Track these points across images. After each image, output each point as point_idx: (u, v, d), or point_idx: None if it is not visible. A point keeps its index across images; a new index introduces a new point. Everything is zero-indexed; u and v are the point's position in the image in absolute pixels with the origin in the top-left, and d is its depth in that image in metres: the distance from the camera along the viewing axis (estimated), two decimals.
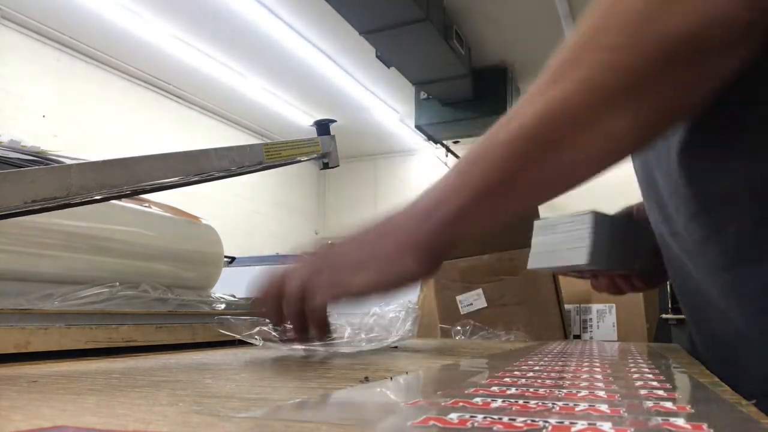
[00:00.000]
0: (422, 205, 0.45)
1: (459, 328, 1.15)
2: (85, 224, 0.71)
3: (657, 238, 0.56)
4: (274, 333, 0.54)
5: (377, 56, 4.04)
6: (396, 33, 3.67)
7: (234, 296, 0.91)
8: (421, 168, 6.99)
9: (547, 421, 0.19)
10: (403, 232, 0.45)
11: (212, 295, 0.89)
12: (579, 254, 0.55)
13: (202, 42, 4.41)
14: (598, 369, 0.36)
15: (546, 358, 0.44)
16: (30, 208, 0.38)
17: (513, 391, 0.26)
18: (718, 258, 0.47)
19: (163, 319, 0.63)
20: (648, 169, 0.55)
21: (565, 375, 0.33)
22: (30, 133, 3.56)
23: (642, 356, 0.48)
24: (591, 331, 1.36)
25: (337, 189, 7.34)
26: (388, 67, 4.24)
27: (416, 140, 6.27)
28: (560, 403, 0.22)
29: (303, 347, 0.56)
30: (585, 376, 0.32)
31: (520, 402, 0.23)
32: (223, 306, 0.84)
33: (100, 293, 0.66)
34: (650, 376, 0.33)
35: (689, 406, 0.22)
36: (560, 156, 0.39)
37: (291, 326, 0.50)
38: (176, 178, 0.47)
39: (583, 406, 0.22)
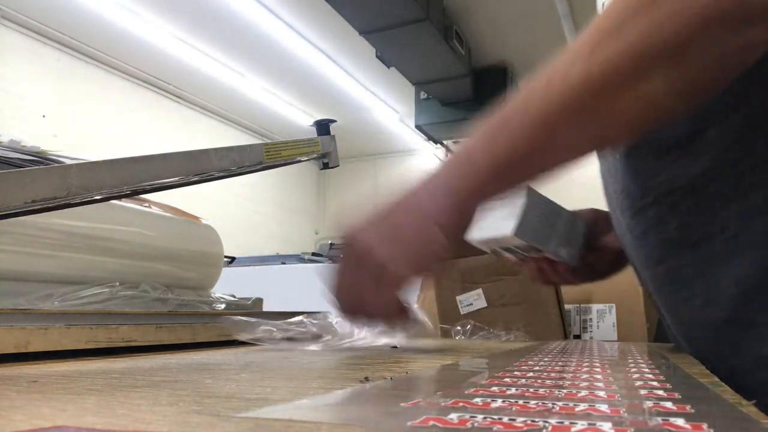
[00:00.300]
0: (447, 178, 0.45)
1: (459, 328, 1.15)
2: (85, 224, 0.71)
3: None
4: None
5: (377, 56, 4.04)
6: (396, 33, 3.67)
7: (234, 296, 0.91)
8: (421, 168, 6.98)
9: (547, 422, 0.18)
10: (431, 210, 0.45)
11: (212, 295, 0.89)
12: (507, 225, 0.57)
13: (202, 42, 4.41)
14: (598, 369, 0.36)
15: (546, 358, 0.44)
16: (30, 208, 0.38)
17: (513, 391, 0.26)
18: (654, 252, 0.51)
19: (163, 319, 0.63)
20: (605, 179, 0.58)
21: (565, 375, 0.33)
22: (30, 133, 3.56)
23: (642, 356, 0.48)
24: (591, 331, 1.36)
25: (337, 189, 7.34)
26: (388, 67, 4.24)
27: (416, 140, 6.27)
28: (560, 403, 0.22)
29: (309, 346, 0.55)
30: (585, 376, 0.32)
31: (520, 402, 0.22)
32: (223, 306, 0.84)
33: (100, 293, 0.66)
34: (650, 375, 0.33)
35: (689, 406, 0.22)
36: (597, 120, 0.40)
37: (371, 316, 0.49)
38: (176, 178, 0.47)
39: (583, 406, 0.22)
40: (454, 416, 0.19)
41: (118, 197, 0.44)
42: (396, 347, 0.64)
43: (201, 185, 0.53)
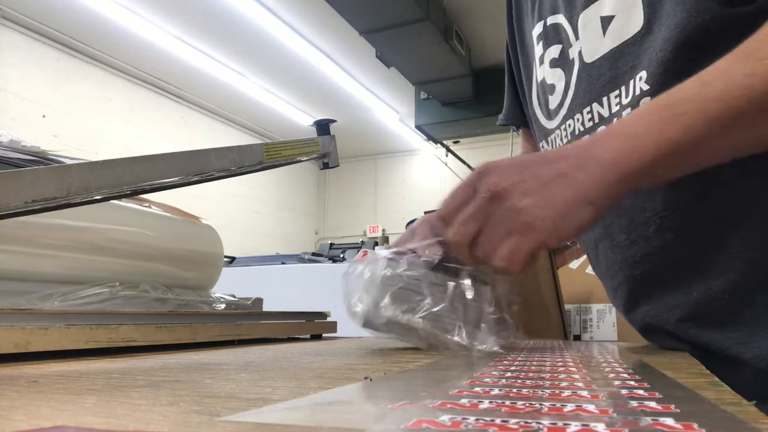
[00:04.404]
0: (605, 151, 0.43)
1: None
2: (85, 224, 0.71)
3: None
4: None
5: (377, 56, 4.05)
6: (396, 33, 3.67)
7: (234, 296, 0.91)
8: (421, 168, 7.00)
9: (540, 423, 0.19)
10: (584, 181, 0.42)
11: (212, 295, 0.89)
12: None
13: (202, 42, 4.41)
14: (574, 368, 0.36)
15: (521, 357, 0.44)
16: (30, 208, 0.38)
17: (497, 392, 0.26)
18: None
19: (163, 319, 0.63)
20: None
21: (543, 375, 0.33)
22: (30, 133, 3.57)
23: (613, 355, 0.48)
24: (591, 331, 1.36)
25: (337, 189, 7.34)
26: (388, 67, 4.24)
27: (416, 140, 6.28)
28: (548, 404, 0.22)
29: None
30: (562, 375, 0.32)
31: (507, 403, 0.23)
32: (223, 306, 0.84)
33: (100, 293, 0.66)
34: (625, 375, 0.33)
35: (674, 406, 0.22)
36: None
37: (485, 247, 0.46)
38: (176, 178, 0.47)
39: (571, 406, 0.22)
40: (445, 418, 0.19)
41: (118, 197, 0.44)
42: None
43: (201, 185, 0.53)
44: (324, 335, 0.92)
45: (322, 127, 0.71)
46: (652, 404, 0.22)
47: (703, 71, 0.42)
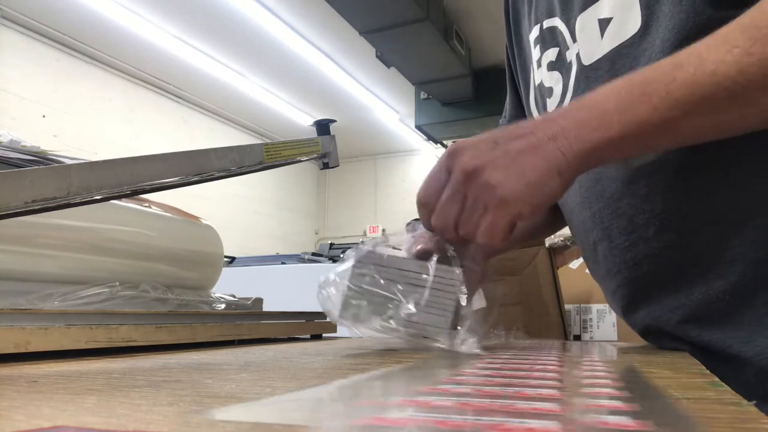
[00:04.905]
0: (573, 124, 0.44)
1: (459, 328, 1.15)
2: (85, 224, 0.71)
3: None
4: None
5: (377, 56, 4.05)
6: (396, 33, 3.67)
7: (234, 296, 0.91)
8: (422, 168, 6.99)
9: (480, 419, 0.19)
10: (552, 152, 0.44)
11: (212, 295, 0.89)
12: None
13: (202, 42, 4.41)
14: (555, 367, 0.37)
15: (506, 355, 0.45)
16: (30, 208, 0.38)
17: (465, 389, 0.26)
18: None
19: (163, 319, 0.63)
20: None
21: (520, 373, 0.33)
22: (30, 133, 3.57)
23: (601, 355, 0.48)
24: (591, 331, 1.36)
25: (337, 189, 7.34)
26: (388, 67, 4.24)
27: (416, 140, 6.28)
28: (510, 402, 0.23)
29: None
30: (538, 374, 0.33)
31: (470, 401, 0.23)
32: (223, 306, 0.84)
33: (100, 293, 0.66)
34: (603, 373, 0.33)
35: (638, 405, 0.22)
36: (739, 109, 0.41)
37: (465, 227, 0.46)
38: (176, 178, 0.47)
39: (527, 405, 0.22)
40: (399, 415, 0.20)
41: (118, 197, 0.44)
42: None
43: (201, 185, 0.53)
44: (324, 335, 0.92)
45: (322, 127, 0.71)
46: (617, 403, 0.23)
47: (681, 51, 0.43)
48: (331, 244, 2.92)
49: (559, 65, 0.62)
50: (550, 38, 0.64)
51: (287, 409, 0.23)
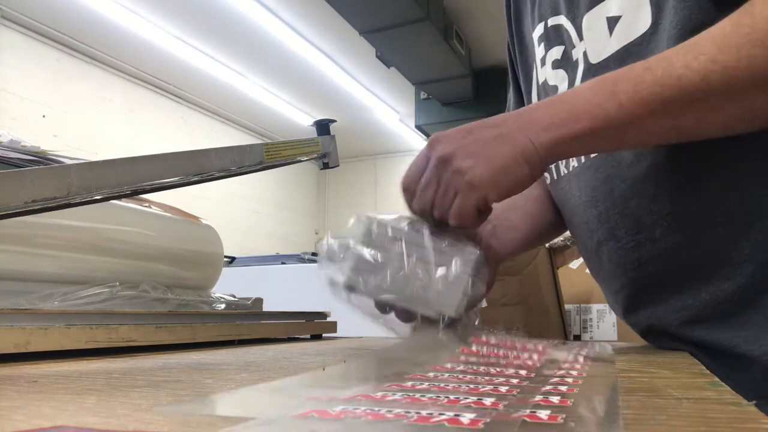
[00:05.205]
0: (543, 116, 0.47)
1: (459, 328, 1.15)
2: (85, 224, 0.71)
3: None
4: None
5: (377, 56, 4.04)
6: (396, 33, 3.67)
7: (234, 296, 0.91)
8: None
9: (417, 412, 0.19)
10: (521, 141, 0.46)
11: (212, 295, 0.89)
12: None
13: (202, 42, 4.41)
14: (529, 364, 0.37)
15: (489, 350, 0.45)
16: (30, 208, 0.38)
17: (423, 385, 0.27)
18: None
19: (163, 319, 0.63)
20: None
21: (491, 369, 0.33)
22: (30, 133, 3.57)
23: (586, 352, 0.48)
24: (591, 331, 1.36)
25: (337, 189, 7.34)
26: (388, 67, 4.24)
27: (416, 140, 6.27)
28: (452, 396, 0.23)
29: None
30: (511, 371, 0.33)
31: (416, 396, 0.23)
32: (223, 306, 0.84)
33: (100, 293, 0.66)
34: (574, 373, 0.33)
35: (571, 401, 0.22)
36: (702, 113, 0.44)
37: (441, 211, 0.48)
38: (176, 178, 0.47)
39: (469, 399, 0.23)
40: (338, 408, 0.20)
41: (118, 197, 0.44)
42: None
43: (201, 185, 0.53)
44: (324, 335, 0.92)
45: (322, 127, 0.72)
46: (555, 399, 0.23)
47: (654, 56, 0.45)
48: None
49: (565, 63, 0.62)
50: (555, 36, 0.64)
51: (242, 403, 0.23)
